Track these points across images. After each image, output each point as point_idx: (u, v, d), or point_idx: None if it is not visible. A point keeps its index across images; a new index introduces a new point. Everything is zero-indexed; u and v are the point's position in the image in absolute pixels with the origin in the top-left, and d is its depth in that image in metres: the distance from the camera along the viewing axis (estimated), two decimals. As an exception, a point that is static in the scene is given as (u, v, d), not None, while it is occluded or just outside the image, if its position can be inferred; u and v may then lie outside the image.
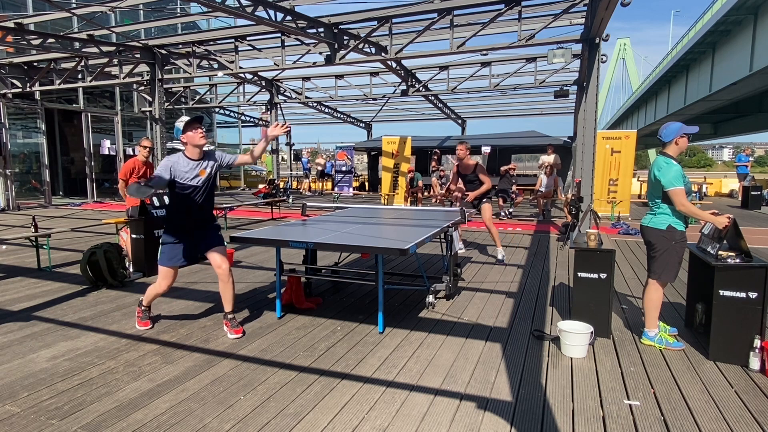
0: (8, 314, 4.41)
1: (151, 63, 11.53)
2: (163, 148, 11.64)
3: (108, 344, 3.71)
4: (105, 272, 5.29)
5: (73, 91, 15.48)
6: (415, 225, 4.92)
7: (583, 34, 9.13)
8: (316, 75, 16.47)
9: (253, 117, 25.01)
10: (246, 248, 7.49)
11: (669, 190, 3.42)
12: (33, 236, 6.18)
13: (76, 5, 10.14)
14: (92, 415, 2.70)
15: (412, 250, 3.63)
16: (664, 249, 3.53)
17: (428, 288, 4.62)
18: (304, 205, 6.00)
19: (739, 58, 20.30)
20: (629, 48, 74.29)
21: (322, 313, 4.48)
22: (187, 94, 19.41)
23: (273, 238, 4.04)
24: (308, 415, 2.70)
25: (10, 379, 3.13)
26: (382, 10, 9.24)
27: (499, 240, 6.71)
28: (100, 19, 11.03)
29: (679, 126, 3.53)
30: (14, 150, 14.81)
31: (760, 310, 3.27)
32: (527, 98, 20.28)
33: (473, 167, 6.64)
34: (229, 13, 7.92)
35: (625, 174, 11.72)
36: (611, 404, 2.83)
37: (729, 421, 2.64)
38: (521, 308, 4.61)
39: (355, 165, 21.84)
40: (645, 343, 3.69)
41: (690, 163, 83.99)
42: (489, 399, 2.88)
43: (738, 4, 18.03)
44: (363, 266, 6.22)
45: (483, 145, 17.71)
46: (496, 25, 9.36)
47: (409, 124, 26.70)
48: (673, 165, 3.45)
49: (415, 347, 3.66)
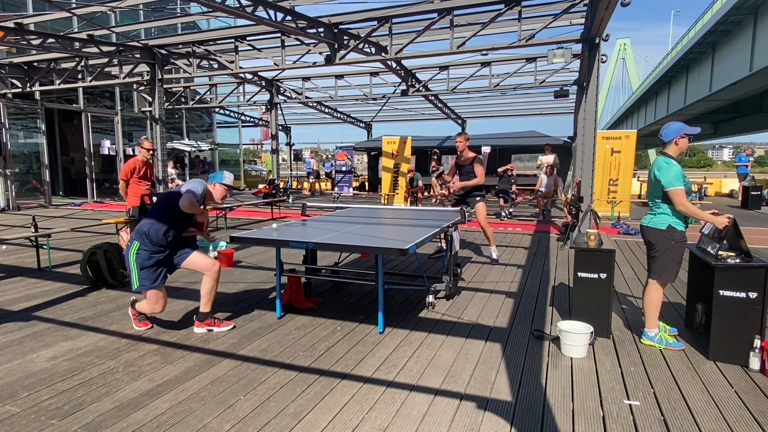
0: (8, 314, 4.41)
1: (151, 63, 11.53)
2: (163, 149, 11.63)
3: (108, 344, 3.71)
4: (105, 272, 5.29)
5: (73, 91, 15.48)
6: (415, 225, 4.92)
7: (583, 34, 9.13)
8: (316, 75, 16.46)
9: (253, 117, 25.01)
10: (246, 248, 7.49)
11: (669, 190, 3.42)
12: (33, 236, 6.19)
13: (76, 5, 10.14)
14: (92, 415, 2.70)
15: (412, 250, 3.63)
16: (664, 249, 3.53)
17: (428, 288, 4.62)
18: (304, 205, 6.00)
19: (739, 58, 20.30)
20: (629, 48, 74.28)
21: (322, 313, 4.48)
22: (187, 94, 19.40)
23: (273, 238, 4.05)
24: (308, 415, 2.70)
25: (10, 379, 3.13)
26: (382, 10, 9.24)
27: (493, 240, 6.70)
28: (100, 19, 11.03)
29: (680, 126, 3.53)
30: (14, 150, 14.80)
31: (760, 310, 3.27)
32: (527, 98, 20.26)
33: (471, 159, 6.54)
34: (229, 13, 7.92)
35: (625, 174, 11.72)
36: (611, 404, 2.83)
37: (729, 421, 2.64)
38: (521, 308, 4.61)
39: (355, 165, 21.85)
40: (645, 343, 3.69)
41: (690, 163, 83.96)
42: (489, 399, 2.88)
43: (738, 4, 18.03)
44: (363, 266, 6.22)
45: (483, 145, 17.72)
46: (496, 25, 9.35)
47: (409, 124, 26.71)
48: (673, 165, 3.45)
49: (415, 347, 3.66)
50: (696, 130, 3.57)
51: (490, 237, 6.64)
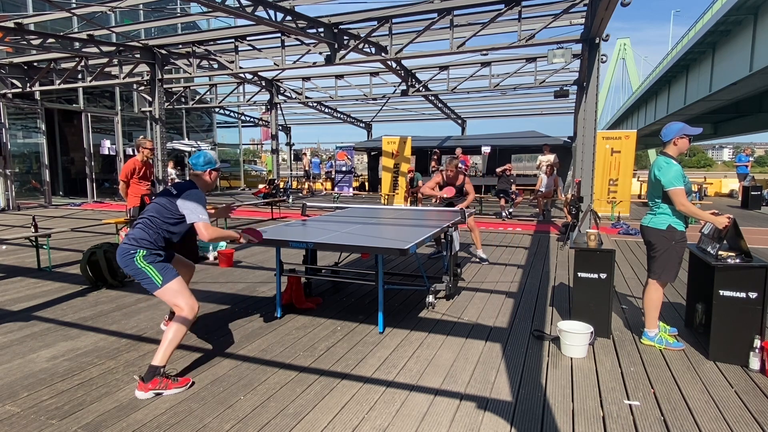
0: (8, 314, 4.41)
1: (151, 63, 11.53)
2: (163, 149, 11.63)
3: (108, 344, 3.71)
4: (105, 272, 5.29)
5: (73, 91, 15.48)
6: (415, 225, 4.92)
7: (583, 34, 9.13)
8: (316, 75, 16.47)
9: (253, 117, 25.01)
10: (246, 248, 7.49)
11: (669, 190, 3.42)
12: (33, 236, 6.18)
13: (76, 5, 10.14)
14: (92, 415, 2.70)
15: (412, 250, 3.63)
16: (664, 249, 3.53)
17: (428, 288, 4.62)
18: (304, 205, 6.00)
19: (739, 58, 20.31)
20: (629, 48, 74.29)
21: (322, 313, 4.48)
22: (187, 94, 19.40)
23: (273, 238, 4.04)
24: (308, 415, 2.70)
25: (10, 379, 3.13)
26: (382, 10, 9.24)
27: (479, 242, 6.75)
28: (100, 19, 11.03)
29: (680, 126, 3.52)
30: (14, 150, 14.80)
31: (760, 310, 3.27)
32: (527, 98, 20.27)
33: (462, 180, 6.68)
34: (229, 13, 7.92)
35: (625, 174, 11.73)
36: (611, 404, 2.83)
37: (729, 421, 2.64)
38: (521, 308, 4.60)
39: (355, 165, 21.85)
40: (645, 344, 3.68)
41: (690, 163, 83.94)
42: (489, 399, 2.88)
43: (738, 4, 18.03)
44: (363, 266, 6.22)
45: (483, 145, 17.73)
46: (496, 25, 9.35)
47: (409, 124, 26.73)
48: (673, 165, 3.44)
49: (415, 347, 3.66)
50: (697, 131, 3.56)
51: (477, 238, 6.73)
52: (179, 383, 2.99)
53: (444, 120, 23.21)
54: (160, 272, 3.13)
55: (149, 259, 3.13)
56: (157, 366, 2.94)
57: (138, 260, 3.10)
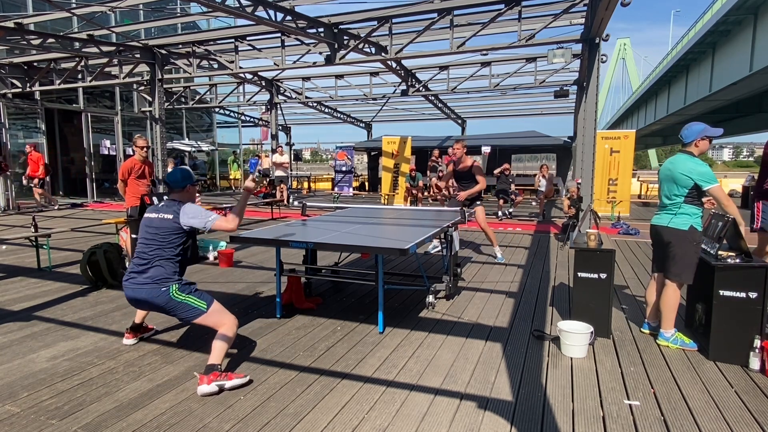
0: (8, 314, 4.41)
1: (151, 63, 11.52)
2: (163, 149, 11.63)
3: (108, 344, 3.71)
4: (105, 272, 5.29)
5: (73, 91, 15.47)
6: (415, 225, 4.92)
7: (583, 34, 9.13)
8: (316, 75, 16.45)
9: (253, 117, 24.99)
10: (246, 248, 7.49)
11: (710, 188, 3.39)
12: (33, 236, 6.18)
13: (76, 5, 10.13)
14: (92, 415, 2.70)
15: (412, 250, 3.63)
16: (686, 250, 3.50)
17: (428, 288, 4.62)
18: (304, 205, 6.00)
19: (739, 58, 20.31)
20: (629, 48, 74.32)
21: (322, 313, 4.48)
22: (187, 94, 19.39)
23: (273, 238, 4.04)
24: (308, 415, 2.70)
25: (10, 379, 3.13)
26: (382, 10, 9.24)
27: (495, 240, 6.73)
28: (100, 19, 11.02)
29: (701, 128, 3.48)
30: (14, 150, 14.80)
31: (760, 310, 3.27)
32: (527, 98, 20.25)
33: (470, 166, 6.58)
34: (229, 13, 7.91)
35: (624, 174, 11.73)
36: (611, 404, 2.83)
37: (729, 421, 2.64)
38: (521, 308, 4.60)
39: (355, 165, 21.84)
40: (660, 344, 3.67)
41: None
42: (489, 399, 2.88)
43: (738, 4, 18.04)
44: (363, 266, 6.21)
45: (483, 145, 17.73)
46: (496, 25, 9.34)
47: (409, 124, 26.68)
48: (703, 163, 3.43)
49: (415, 347, 3.66)
50: (718, 132, 3.50)
51: (492, 238, 6.68)
52: (240, 375, 3.05)
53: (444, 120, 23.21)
54: (199, 298, 3.20)
55: (185, 290, 3.19)
56: (215, 363, 3.01)
57: (174, 294, 3.14)
